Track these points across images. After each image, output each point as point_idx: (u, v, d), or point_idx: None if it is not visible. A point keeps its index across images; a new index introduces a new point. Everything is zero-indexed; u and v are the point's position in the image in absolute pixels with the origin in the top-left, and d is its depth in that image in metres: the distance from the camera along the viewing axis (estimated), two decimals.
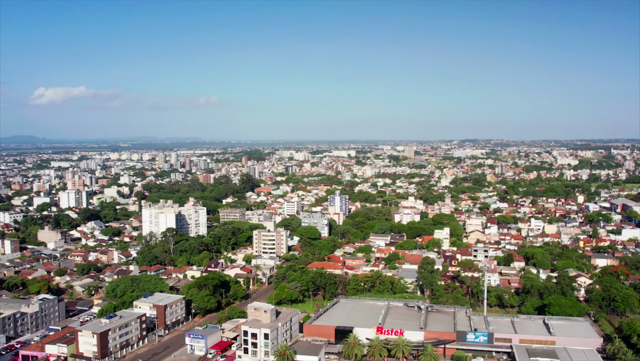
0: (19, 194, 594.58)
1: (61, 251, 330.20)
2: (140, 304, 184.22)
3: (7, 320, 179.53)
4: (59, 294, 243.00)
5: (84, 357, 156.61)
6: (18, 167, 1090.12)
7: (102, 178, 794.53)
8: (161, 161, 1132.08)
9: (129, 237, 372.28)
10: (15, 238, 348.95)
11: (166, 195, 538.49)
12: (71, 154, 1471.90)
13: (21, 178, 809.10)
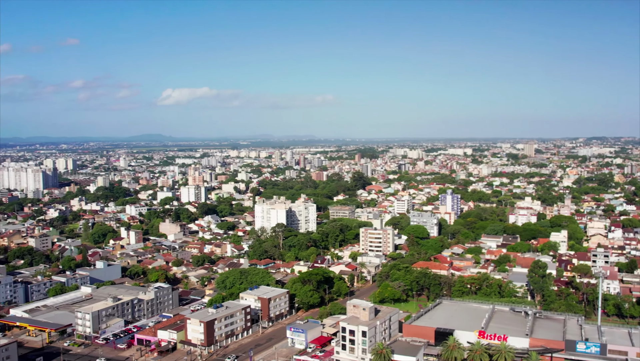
0: (145, 189, 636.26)
1: (180, 243, 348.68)
2: (246, 296, 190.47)
3: (126, 305, 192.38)
4: (175, 284, 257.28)
5: (192, 344, 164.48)
6: (146, 163, 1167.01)
7: (221, 175, 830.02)
8: (277, 158, 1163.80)
9: (243, 231, 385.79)
10: (140, 230, 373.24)
11: (279, 192, 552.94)
12: (194, 152, 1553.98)
13: (148, 174, 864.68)
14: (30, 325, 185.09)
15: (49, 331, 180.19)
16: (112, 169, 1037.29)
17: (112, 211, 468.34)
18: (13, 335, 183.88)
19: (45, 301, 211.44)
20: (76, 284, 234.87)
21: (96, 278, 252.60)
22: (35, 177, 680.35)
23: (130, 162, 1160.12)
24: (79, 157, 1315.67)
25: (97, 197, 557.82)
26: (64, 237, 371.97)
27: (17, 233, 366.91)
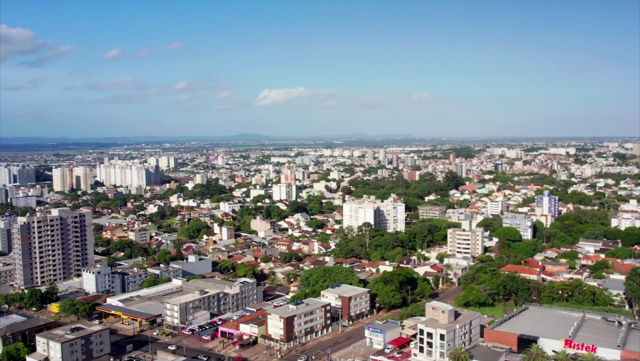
0: (240, 187, 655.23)
1: (269, 240, 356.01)
2: (327, 294, 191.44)
3: (212, 298, 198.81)
4: (262, 280, 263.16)
5: (272, 339, 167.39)
6: (243, 162, 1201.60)
7: (313, 173, 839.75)
8: (370, 157, 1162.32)
9: (331, 230, 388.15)
10: (232, 226, 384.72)
11: (370, 191, 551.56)
12: (289, 151, 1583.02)
13: (244, 172, 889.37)
14: (123, 314, 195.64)
15: (140, 320, 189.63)
16: (210, 167, 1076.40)
17: (207, 208, 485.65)
18: (108, 323, 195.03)
19: (139, 292, 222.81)
20: (168, 277, 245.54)
21: (188, 272, 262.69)
22: (138, 174, 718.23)
23: (228, 161, 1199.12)
24: (180, 155, 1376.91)
25: (195, 194, 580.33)
26: (161, 231, 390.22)
27: (119, 226, 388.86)
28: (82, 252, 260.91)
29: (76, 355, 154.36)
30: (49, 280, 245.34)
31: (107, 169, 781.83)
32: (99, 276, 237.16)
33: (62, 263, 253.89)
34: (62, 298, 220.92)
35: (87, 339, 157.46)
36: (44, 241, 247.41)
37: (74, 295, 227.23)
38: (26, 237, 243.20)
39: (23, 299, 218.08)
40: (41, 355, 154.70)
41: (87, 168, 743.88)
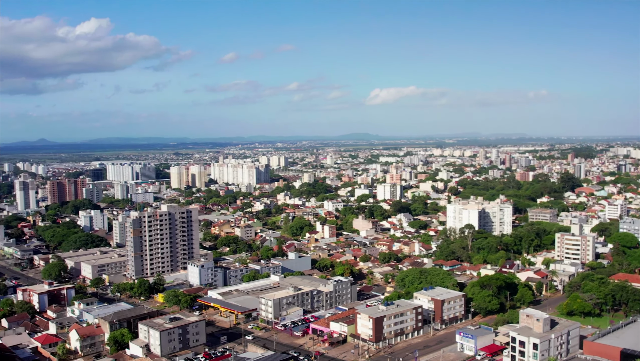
0: (346, 186, 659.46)
1: (370, 240, 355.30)
2: (420, 296, 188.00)
3: (305, 295, 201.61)
4: (360, 279, 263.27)
5: (361, 338, 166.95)
6: (351, 161, 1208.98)
7: (421, 173, 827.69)
8: (481, 157, 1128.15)
9: (434, 231, 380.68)
10: (334, 225, 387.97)
11: (479, 192, 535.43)
12: (399, 150, 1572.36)
13: (351, 171, 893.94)
14: (222, 307, 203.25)
15: (237, 313, 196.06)
16: (319, 166, 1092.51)
17: (312, 206, 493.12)
18: (207, 314, 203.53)
19: (239, 286, 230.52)
20: (267, 273, 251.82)
21: (287, 268, 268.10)
22: (249, 173, 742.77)
23: (337, 160, 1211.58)
24: (291, 155, 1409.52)
25: (301, 192, 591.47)
26: (266, 228, 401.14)
27: (227, 223, 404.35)
28: (188, 246, 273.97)
29: (173, 343, 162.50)
30: (157, 272, 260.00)
31: (220, 168, 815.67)
32: (203, 270, 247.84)
33: (170, 256, 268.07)
34: (168, 289, 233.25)
35: (184, 329, 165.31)
36: (153, 234, 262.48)
37: (178, 287, 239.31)
38: (138, 230, 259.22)
39: (133, 288, 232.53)
40: (142, 341, 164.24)
41: (202, 167, 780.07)
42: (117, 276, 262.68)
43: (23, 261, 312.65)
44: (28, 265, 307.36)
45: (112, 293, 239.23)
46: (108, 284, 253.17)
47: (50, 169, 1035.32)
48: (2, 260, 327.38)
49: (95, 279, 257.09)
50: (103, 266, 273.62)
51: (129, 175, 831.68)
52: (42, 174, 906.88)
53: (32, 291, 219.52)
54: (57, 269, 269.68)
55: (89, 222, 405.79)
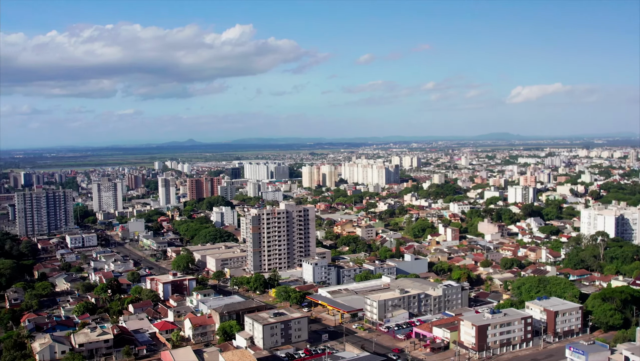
0: (476, 188, 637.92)
1: (495, 244, 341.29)
2: (532, 306, 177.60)
3: (412, 298, 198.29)
4: (478, 284, 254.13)
5: (464, 346, 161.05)
6: (487, 162, 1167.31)
7: (562, 175, 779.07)
8: (632, 159, 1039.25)
9: (567, 237, 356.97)
10: (457, 227, 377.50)
11: (623, 196, 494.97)
12: (540, 150, 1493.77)
13: (485, 173, 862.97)
14: (329, 305, 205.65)
15: (343, 312, 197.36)
16: (452, 167, 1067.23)
17: (437, 208, 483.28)
18: (315, 312, 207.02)
19: (349, 285, 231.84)
20: (380, 273, 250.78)
21: (402, 270, 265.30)
22: (378, 173, 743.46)
23: (472, 161, 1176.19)
24: (425, 155, 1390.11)
25: (429, 193, 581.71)
26: (388, 229, 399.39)
27: (349, 222, 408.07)
28: (305, 243, 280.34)
29: (276, 337, 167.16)
30: (274, 267, 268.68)
31: (350, 168, 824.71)
32: (316, 268, 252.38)
33: (287, 253, 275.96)
34: (282, 284, 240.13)
35: (287, 324, 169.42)
36: (271, 231, 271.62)
37: (293, 283, 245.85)
38: (256, 227, 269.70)
39: (249, 283, 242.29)
40: (247, 333, 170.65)
41: (333, 166, 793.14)
42: (237, 270, 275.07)
43: (158, 252, 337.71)
44: (162, 256, 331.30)
45: (231, 286, 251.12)
46: (229, 277, 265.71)
47: (195, 167, 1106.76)
48: (140, 251, 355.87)
49: (217, 272, 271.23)
50: (226, 260, 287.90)
51: (264, 174, 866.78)
52: (187, 172, 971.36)
53: (158, 281, 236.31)
54: (185, 261, 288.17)
55: (220, 218, 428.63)
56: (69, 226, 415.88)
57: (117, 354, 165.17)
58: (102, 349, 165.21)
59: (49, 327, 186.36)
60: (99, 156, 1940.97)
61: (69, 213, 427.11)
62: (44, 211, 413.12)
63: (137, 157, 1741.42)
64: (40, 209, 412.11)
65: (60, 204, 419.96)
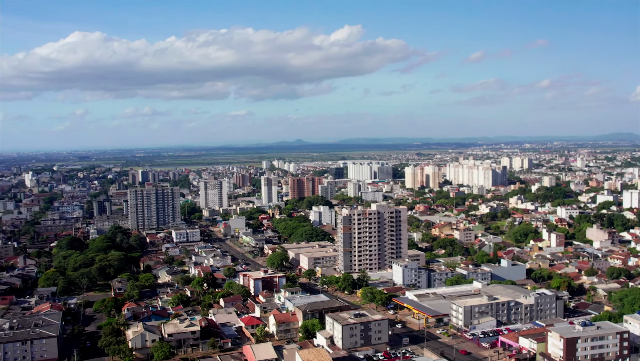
0: (589, 191, 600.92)
1: (604, 252, 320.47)
2: (631, 320, 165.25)
3: (501, 306, 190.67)
4: (580, 294, 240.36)
5: (551, 359, 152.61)
6: (606, 164, 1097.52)
7: None
8: None
9: None
10: (563, 233, 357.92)
11: None
12: None
13: (602, 175, 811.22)
14: (414, 308, 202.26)
15: (427, 317, 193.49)
16: (566, 169, 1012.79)
17: (544, 212, 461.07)
18: (401, 315, 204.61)
19: (438, 289, 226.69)
20: (472, 278, 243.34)
21: (497, 276, 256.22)
22: (484, 174, 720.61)
23: (589, 163, 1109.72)
24: (537, 156, 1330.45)
25: (536, 196, 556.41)
26: (488, 233, 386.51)
27: (448, 225, 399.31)
28: (396, 245, 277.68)
29: (355, 338, 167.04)
30: (364, 268, 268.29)
31: (455, 169, 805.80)
32: (406, 270, 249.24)
33: (378, 254, 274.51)
34: (371, 285, 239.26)
35: (367, 325, 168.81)
36: (362, 232, 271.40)
37: (382, 285, 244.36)
38: (347, 227, 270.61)
39: (338, 282, 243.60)
40: (328, 333, 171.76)
41: (437, 167, 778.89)
42: (328, 269, 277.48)
43: (255, 249, 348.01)
44: (259, 253, 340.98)
45: (320, 285, 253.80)
46: (320, 276, 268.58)
47: (300, 167, 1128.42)
48: (240, 247, 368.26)
49: (309, 270, 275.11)
50: (318, 259, 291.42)
51: (367, 174, 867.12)
52: (293, 172, 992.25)
53: (250, 277, 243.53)
54: (279, 259, 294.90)
55: (318, 217, 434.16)
56: (175, 222, 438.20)
57: (203, 345, 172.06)
58: (190, 340, 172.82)
59: (144, 316, 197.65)
60: (212, 155, 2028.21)
61: (176, 209, 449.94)
62: (153, 207, 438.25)
63: (247, 156, 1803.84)
64: (150, 205, 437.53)
65: (168, 200, 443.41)
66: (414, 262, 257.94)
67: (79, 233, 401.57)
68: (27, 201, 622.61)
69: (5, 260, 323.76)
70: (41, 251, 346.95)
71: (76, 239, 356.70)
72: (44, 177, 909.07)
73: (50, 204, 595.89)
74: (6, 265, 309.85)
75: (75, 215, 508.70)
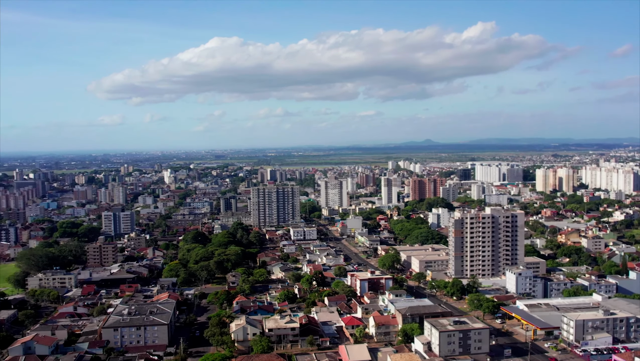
0: None
1: None
2: None
3: (619, 322, 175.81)
4: None
5: None
6: None
7: None
8: None
9: None
10: None
11: None
12: None
13: None
14: (523, 319, 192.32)
15: (536, 328, 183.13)
16: None
17: None
18: (509, 325, 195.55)
19: (552, 300, 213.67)
20: (593, 290, 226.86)
21: (624, 288, 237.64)
22: (625, 178, 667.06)
23: None
24: None
25: None
26: (620, 242, 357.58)
27: (575, 231, 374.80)
28: (511, 251, 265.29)
29: (453, 346, 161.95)
30: (475, 274, 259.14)
31: (592, 172, 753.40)
32: (520, 278, 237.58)
33: (491, 260, 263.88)
34: (482, 292, 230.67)
35: (466, 334, 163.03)
36: (475, 236, 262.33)
37: (494, 292, 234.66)
38: (459, 231, 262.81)
39: (447, 287, 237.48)
40: (425, 338, 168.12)
41: (571, 170, 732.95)
42: (439, 273, 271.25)
43: (369, 249, 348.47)
44: (373, 254, 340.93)
45: (428, 289, 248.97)
46: (430, 280, 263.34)
47: (426, 168, 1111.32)
48: (354, 247, 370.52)
49: (419, 273, 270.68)
50: (430, 262, 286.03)
51: (495, 176, 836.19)
52: (418, 172, 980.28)
53: (357, 277, 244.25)
54: (390, 260, 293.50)
55: (437, 220, 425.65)
56: (295, 220, 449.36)
57: (302, 342, 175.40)
58: (289, 336, 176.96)
59: (251, 310, 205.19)
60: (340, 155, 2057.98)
61: (296, 208, 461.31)
62: (274, 205, 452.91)
63: (374, 156, 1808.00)
64: (271, 203, 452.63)
65: (288, 199, 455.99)
66: (529, 270, 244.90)
67: (204, 228, 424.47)
68: (163, 197, 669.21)
69: (137, 251, 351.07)
70: (169, 243, 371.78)
71: (201, 234, 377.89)
72: (181, 175, 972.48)
73: (183, 200, 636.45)
74: (137, 255, 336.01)
75: (204, 211, 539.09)
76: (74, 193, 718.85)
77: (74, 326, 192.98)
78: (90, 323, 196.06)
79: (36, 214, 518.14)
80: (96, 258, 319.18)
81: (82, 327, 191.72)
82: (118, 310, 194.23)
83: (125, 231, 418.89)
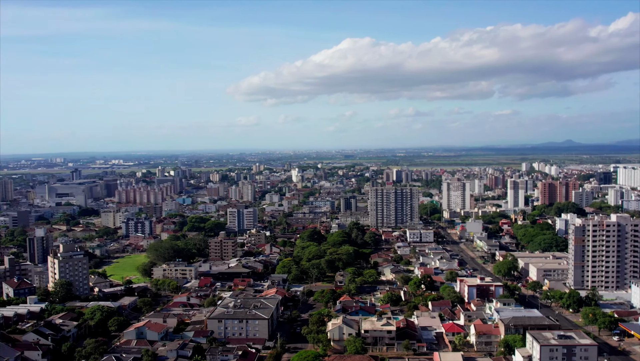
0: None
1: None
2: None
3: None
4: None
5: None
6: None
7: None
8: None
9: None
10: None
11: None
12: None
13: None
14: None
15: None
16: None
17: None
18: (626, 343, 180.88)
19: None
20: None
21: None
22: None
23: None
24: None
25: None
26: None
27: None
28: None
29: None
30: (597, 285, 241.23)
31: None
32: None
33: (616, 271, 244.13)
34: (602, 306, 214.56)
35: (570, 350, 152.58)
36: (597, 245, 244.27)
37: (615, 306, 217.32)
38: (580, 239, 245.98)
39: (562, 298, 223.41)
40: (527, 351, 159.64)
41: None
42: (558, 283, 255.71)
43: (487, 255, 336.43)
44: (490, 259, 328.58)
45: (543, 299, 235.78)
46: (546, 289, 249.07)
47: (564, 170, 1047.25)
48: (472, 251, 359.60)
49: (535, 282, 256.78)
50: (549, 271, 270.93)
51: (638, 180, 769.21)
52: (554, 175, 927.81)
53: (465, 283, 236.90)
54: (506, 267, 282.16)
55: (564, 226, 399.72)
56: (413, 221, 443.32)
57: (398, 346, 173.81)
58: (385, 338, 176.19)
59: (352, 310, 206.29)
60: (471, 155, 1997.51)
61: (414, 209, 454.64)
62: (392, 206, 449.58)
63: (508, 157, 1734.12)
64: (389, 203, 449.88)
65: (407, 200, 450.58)
66: None
67: (322, 227, 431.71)
68: (289, 195, 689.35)
69: (257, 247, 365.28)
70: (287, 240, 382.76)
71: (317, 232, 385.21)
72: (308, 174, 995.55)
73: (307, 199, 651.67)
74: (256, 251, 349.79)
75: (324, 210, 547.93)
76: (207, 190, 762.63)
77: (185, 315, 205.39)
78: (199, 313, 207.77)
79: (171, 209, 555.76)
80: (217, 252, 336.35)
81: (191, 316, 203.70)
82: (225, 303, 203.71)
83: (248, 227, 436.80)
